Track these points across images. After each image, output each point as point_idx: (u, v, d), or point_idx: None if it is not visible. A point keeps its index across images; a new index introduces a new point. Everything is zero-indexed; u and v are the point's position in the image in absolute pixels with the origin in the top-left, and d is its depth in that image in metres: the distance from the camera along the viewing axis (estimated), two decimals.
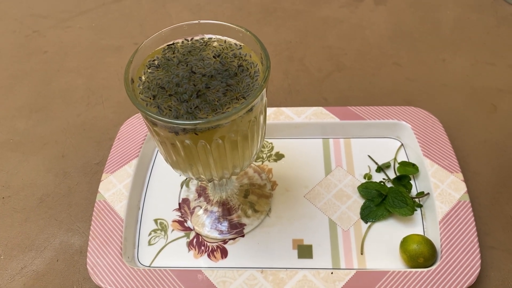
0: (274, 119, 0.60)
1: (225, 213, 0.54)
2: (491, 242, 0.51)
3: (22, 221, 0.55)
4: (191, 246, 0.52)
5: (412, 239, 0.48)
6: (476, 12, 0.79)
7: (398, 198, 0.52)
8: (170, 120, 0.34)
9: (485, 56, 0.71)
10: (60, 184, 0.58)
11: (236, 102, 0.35)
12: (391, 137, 0.60)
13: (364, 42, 0.75)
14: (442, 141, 0.56)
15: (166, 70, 0.38)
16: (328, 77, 0.70)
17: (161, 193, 0.57)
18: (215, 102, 0.35)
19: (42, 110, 0.68)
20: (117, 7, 0.85)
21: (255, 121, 0.39)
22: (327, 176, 0.57)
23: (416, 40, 0.75)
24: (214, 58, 0.39)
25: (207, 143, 0.37)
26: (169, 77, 0.37)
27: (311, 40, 0.76)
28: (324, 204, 0.54)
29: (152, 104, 0.36)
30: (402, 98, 0.66)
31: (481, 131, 0.61)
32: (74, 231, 0.54)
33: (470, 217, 0.50)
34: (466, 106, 0.64)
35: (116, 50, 0.76)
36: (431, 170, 0.54)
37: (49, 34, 0.80)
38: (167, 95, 0.36)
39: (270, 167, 0.58)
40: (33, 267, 0.51)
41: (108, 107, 0.67)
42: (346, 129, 0.60)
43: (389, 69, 0.70)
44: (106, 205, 0.53)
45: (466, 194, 0.51)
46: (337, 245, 0.51)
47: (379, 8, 0.81)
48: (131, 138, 0.59)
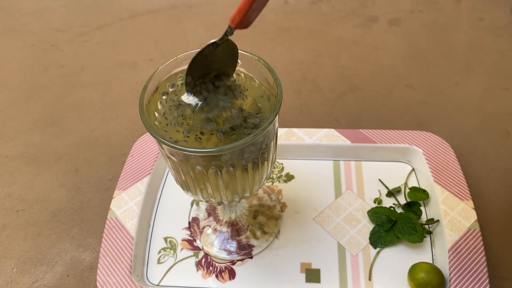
0: (285, 139, 0.60)
1: (234, 234, 0.54)
2: (501, 272, 0.50)
3: (35, 235, 0.56)
4: (199, 266, 0.52)
5: (421, 267, 0.48)
6: (490, 35, 0.78)
7: (407, 224, 0.52)
8: (183, 148, 0.34)
9: (499, 81, 0.71)
10: (72, 199, 0.59)
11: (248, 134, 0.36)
12: (402, 161, 0.60)
13: (377, 63, 0.75)
14: (453, 168, 0.56)
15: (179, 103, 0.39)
16: (341, 98, 0.70)
17: (171, 212, 0.57)
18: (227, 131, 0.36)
19: (57, 124, 0.69)
20: (133, 23, 0.86)
21: (266, 148, 0.39)
22: (337, 199, 0.57)
23: (429, 63, 0.75)
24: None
25: (218, 170, 0.37)
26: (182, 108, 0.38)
27: (324, 60, 0.76)
28: (333, 227, 0.54)
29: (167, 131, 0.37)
30: (414, 121, 0.66)
31: (493, 157, 0.61)
32: (85, 247, 0.55)
33: (480, 246, 0.49)
34: (478, 131, 0.64)
35: (131, 66, 0.77)
36: (442, 197, 0.54)
37: (66, 48, 0.82)
38: (180, 124, 0.37)
39: (280, 188, 0.59)
40: (44, 282, 0.52)
41: (122, 123, 0.68)
42: (357, 152, 0.60)
43: (402, 91, 0.70)
44: (118, 222, 0.53)
45: (476, 222, 0.51)
46: (345, 270, 0.51)
47: (392, 29, 0.81)
48: (144, 156, 0.60)
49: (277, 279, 0.50)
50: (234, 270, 0.52)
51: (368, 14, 0.84)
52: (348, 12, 0.85)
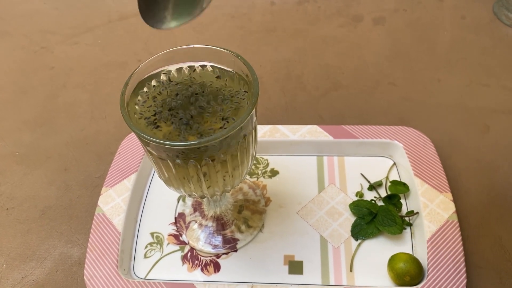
0: (270, 136, 0.62)
1: (219, 228, 0.55)
2: (478, 261, 0.52)
3: (25, 232, 0.57)
4: (185, 259, 0.53)
5: (399, 258, 0.49)
6: (472, 33, 0.80)
7: (387, 216, 0.53)
8: (161, 141, 0.36)
9: (480, 77, 0.72)
10: (62, 196, 0.61)
11: (227, 123, 0.37)
12: (384, 155, 0.61)
13: (361, 61, 0.77)
14: (433, 161, 0.58)
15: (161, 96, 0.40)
16: (325, 95, 0.71)
17: (158, 207, 0.58)
18: (207, 123, 0.37)
19: (47, 124, 0.70)
20: (123, 25, 0.88)
21: (244, 142, 0.40)
22: (320, 193, 0.58)
23: (412, 60, 0.76)
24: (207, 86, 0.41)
25: (197, 163, 0.39)
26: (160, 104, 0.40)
27: (309, 58, 0.78)
28: (316, 221, 0.56)
29: (147, 125, 0.38)
30: (397, 117, 0.67)
31: (473, 151, 0.62)
32: (73, 243, 0.56)
33: (458, 237, 0.51)
34: (459, 126, 0.66)
35: (120, 67, 0.79)
36: (421, 190, 0.55)
37: (56, 50, 0.83)
38: (159, 118, 0.38)
39: (264, 183, 0.60)
40: (34, 277, 0.53)
41: (110, 122, 0.69)
42: (340, 147, 0.61)
43: (385, 88, 0.72)
44: (105, 218, 0.55)
45: (454, 214, 0.52)
46: (327, 261, 0.52)
47: (377, 28, 0.83)
48: (131, 153, 0.61)
49: (261, 272, 0.52)
50: (219, 263, 0.53)
51: (353, 13, 0.86)
52: (333, 12, 0.86)
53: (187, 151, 0.37)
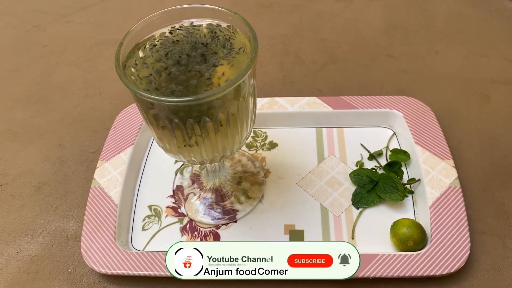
0: (268, 108, 0.61)
1: (218, 200, 0.54)
2: (481, 227, 0.51)
3: (19, 207, 0.56)
4: (184, 231, 0.52)
5: (402, 223, 0.48)
6: (470, 7, 0.79)
7: (389, 184, 0.52)
8: (160, 98, 0.35)
9: (478, 48, 0.71)
10: (56, 172, 0.59)
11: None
12: (383, 126, 0.61)
13: (358, 35, 0.76)
14: (434, 129, 0.57)
15: (158, 54, 0.39)
16: (323, 69, 0.70)
17: (155, 181, 0.57)
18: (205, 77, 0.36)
19: (41, 101, 0.69)
20: (116, 3, 0.86)
21: (243, 102, 0.39)
22: (320, 164, 0.57)
23: (409, 33, 0.75)
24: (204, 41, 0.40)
25: (196, 122, 0.37)
26: (159, 61, 0.38)
27: (306, 33, 0.77)
28: (316, 191, 0.55)
29: (143, 83, 0.37)
30: (396, 89, 0.66)
31: (473, 121, 0.62)
32: (69, 217, 0.55)
33: (461, 202, 0.50)
34: (459, 97, 0.65)
35: (114, 44, 0.77)
36: (422, 157, 0.54)
37: (49, 29, 0.82)
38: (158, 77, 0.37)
39: (263, 156, 0.59)
40: (29, 252, 0.52)
41: (105, 98, 0.68)
42: (339, 119, 0.60)
43: (383, 61, 0.71)
44: (101, 191, 0.54)
45: (457, 180, 0.52)
46: (328, 230, 0.51)
47: (373, 3, 0.82)
48: (127, 127, 0.60)
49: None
50: (218, 234, 0.52)
51: None
52: None
53: (186, 109, 0.36)
